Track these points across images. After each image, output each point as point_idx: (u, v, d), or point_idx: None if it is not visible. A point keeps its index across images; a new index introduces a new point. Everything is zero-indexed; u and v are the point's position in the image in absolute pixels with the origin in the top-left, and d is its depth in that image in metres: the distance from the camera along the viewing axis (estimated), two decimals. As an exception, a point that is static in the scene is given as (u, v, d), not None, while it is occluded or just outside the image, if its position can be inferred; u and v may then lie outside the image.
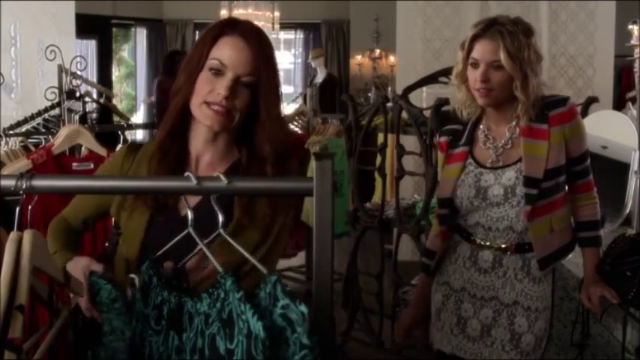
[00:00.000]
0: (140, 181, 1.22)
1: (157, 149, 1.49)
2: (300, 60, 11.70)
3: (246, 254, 1.13)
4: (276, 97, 1.47)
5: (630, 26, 5.34)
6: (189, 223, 1.15)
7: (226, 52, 1.43)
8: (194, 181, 1.08)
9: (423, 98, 4.74)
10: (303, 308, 1.03)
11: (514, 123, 2.15)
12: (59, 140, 2.57)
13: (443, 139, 2.29)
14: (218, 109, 1.42)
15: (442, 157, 2.28)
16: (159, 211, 1.31)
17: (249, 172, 1.46)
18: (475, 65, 2.09)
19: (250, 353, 1.03)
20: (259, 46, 1.45)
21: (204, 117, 1.44)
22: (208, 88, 1.43)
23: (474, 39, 2.10)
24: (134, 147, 1.58)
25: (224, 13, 9.17)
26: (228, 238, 1.13)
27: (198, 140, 1.50)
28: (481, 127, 2.21)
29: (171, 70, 6.70)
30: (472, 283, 2.20)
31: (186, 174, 1.10)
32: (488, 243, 2.17)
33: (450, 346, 2.23)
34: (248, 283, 1.36)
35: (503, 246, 2.15)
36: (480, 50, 2.08)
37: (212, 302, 1.11)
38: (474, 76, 2.09)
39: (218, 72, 1.42)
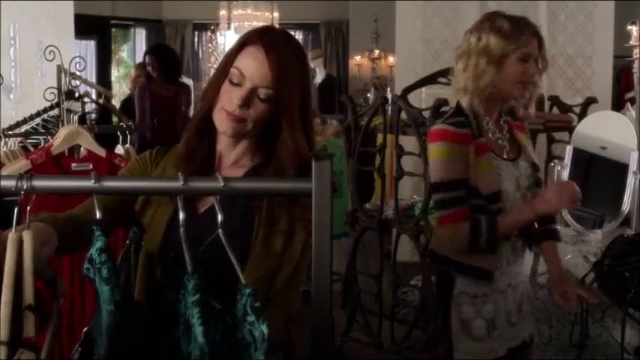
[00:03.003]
0: (133, 181, 1.23)
1: (184, 151, 1.53)
2: (299, 60, 11.68)
3: (234, 261, 1.11)
4: (297, 112, 1.47)
5: (629, 27, 5.37)
6: (184, 223, 1.13)
7: (246, 63, 1.46)
8: (180, 182, 1.08)
9: (422, 99, 4.73)
10: (264, 328, 1.05)
11: (502, 119, 2.19)
12: (58, 141, 2.56)
13: (465, 130, 2.09)
14: (232, 116, 1.47)
15: (468, 149, 2.07)
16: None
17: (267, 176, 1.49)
18: (525, 60, 2.09)
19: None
20: (281, 59, 1.45)
21: (219, 123, 1.50)
22: (228, 96, 1.47)
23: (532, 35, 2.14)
24: (161, 151, 1.62)
25: (223, 13, 9.16)
26: (224, 240, 1.13)
27: (222, 143, 1.55)
28: (485, 120, 2.15)
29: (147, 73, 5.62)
30: (509, 276, 2.16)
31: (179, 175, 1.10)
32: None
33: (505, 347, 2.16)
34: (284, 294, 1.42)
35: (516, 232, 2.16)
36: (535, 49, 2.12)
37: (183, 305, 1.12)
38: (523, 69, 2.08)
39: (237, 83, 1.46)
